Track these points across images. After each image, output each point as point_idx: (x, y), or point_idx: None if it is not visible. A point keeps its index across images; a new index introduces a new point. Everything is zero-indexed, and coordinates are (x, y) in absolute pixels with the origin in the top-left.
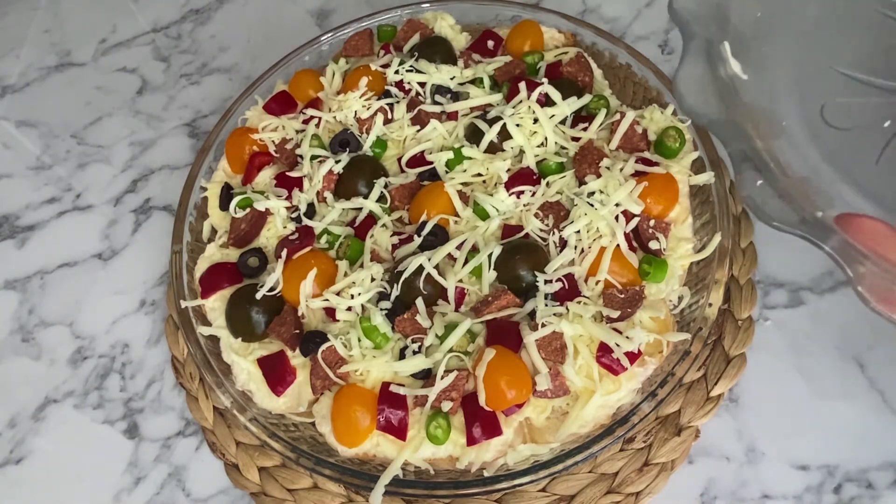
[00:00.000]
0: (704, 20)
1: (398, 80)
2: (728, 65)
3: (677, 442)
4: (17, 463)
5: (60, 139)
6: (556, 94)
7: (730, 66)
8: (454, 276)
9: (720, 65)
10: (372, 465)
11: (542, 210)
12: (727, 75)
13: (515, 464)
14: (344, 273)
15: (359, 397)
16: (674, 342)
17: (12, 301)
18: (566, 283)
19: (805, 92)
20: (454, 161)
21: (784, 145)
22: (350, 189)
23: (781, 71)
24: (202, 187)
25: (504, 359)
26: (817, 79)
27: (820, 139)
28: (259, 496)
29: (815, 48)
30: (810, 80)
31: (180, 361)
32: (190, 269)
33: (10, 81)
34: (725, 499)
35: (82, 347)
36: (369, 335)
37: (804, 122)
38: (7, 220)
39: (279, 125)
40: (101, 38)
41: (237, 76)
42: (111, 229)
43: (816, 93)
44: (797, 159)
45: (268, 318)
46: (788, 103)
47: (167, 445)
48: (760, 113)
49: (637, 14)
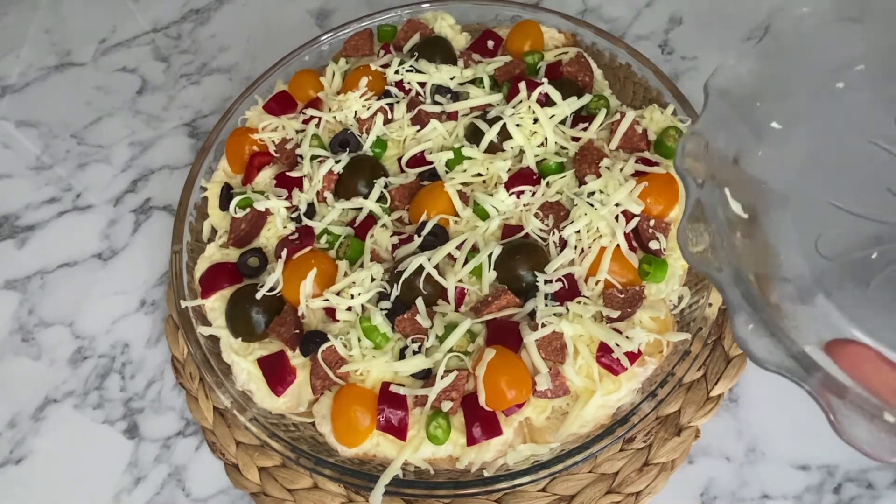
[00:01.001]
0: (709, 170)
1: (398, 80)
2: (729, 208)
3: (677, 442)
4: (17, 463)
5: (60, 139)
6: (556, 95)
7: (731, 209)
8: (454, 276)
9: (720, 209)
10: (372, 465)
11: (542, 210)
12: (728, 218)
13: (515, 464)
14: (344, 273)
15: (359, 397)
16: (674, 342)
17: (12, 301)
18: (566, 283)
19: (802, 227)
20: (454, 161)
21: (781, 282)
22: (350, 189)
23: (781, 210)
24: (202, 187)
25: (504, 359)
26: (813, 213)
27: (815, 270)
28: (259, 496)
29: (811, 184)
30: (806, 215)
31: (180, 361)
32: (190, 269)
33: (10, 81)
34: (725, 499)
35: (82, 347)
36: (369, 335)
37: (801, 255)
38: (7, 220)
39: (279, 125)
40: (101, 38)
41: (237, 76)
42: (111, 229)
43: (812, 226)
44: (792, 294)
45: (268, 318)
46: (787, 240)
47: (167, 445)
48: (760, 252)
49: (637, 14)
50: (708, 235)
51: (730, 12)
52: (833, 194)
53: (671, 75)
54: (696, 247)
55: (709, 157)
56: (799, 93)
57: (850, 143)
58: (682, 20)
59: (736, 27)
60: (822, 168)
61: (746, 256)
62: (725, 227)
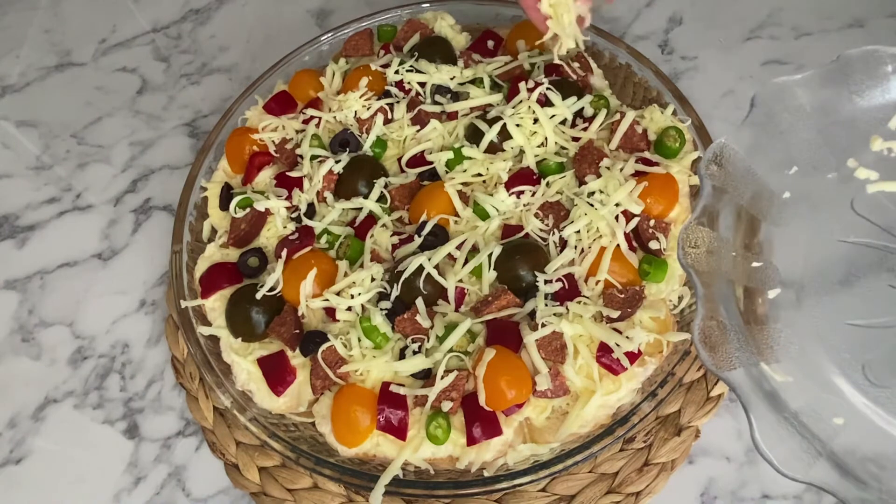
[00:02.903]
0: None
1: (398, 80)
2: (770, 379)
3: (677, 442)
4: (17, 463)
5: (60, 139)
6: (555, 95)
7: (773, 380)
8: (454, 276)
9: (763, 381)
10: (372, 465)
11: (542, 210)
12: (772, 388)
13: (515, 464)
14: (344, 273)
15: (359, 397)
16: (674, 342)
17: (12, 301)
18: (566, 283)
19: (844, 364)
20: (454, 161)
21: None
22: (350, 189)
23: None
24: (202, 187)
25: (504, 359)
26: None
27: (868, 395)
28: (259, 496)
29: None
30: (839, 351)
31: (180, 361)
32: (190, 269)
33: (10, 81)
34: (725, 499)
35: (82, 347)
36: (369, 335)
37: (854, 388)
38: (7, 220)
39: (279, 125)
40: (101, 38)
41: (237, 76)
42: (111, 229)
43: (854, 356)
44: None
45: (268, 318)
46: (832, 381)
47: (167, 445)
48: (814, 403)
49: (637, 14)
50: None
51: (730, 12)
52: (846, 307)
53: (671, 75)
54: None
55: (712, 246)
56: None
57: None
58: (682, 20)
59: (736, 27)
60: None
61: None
62: (739, 321)
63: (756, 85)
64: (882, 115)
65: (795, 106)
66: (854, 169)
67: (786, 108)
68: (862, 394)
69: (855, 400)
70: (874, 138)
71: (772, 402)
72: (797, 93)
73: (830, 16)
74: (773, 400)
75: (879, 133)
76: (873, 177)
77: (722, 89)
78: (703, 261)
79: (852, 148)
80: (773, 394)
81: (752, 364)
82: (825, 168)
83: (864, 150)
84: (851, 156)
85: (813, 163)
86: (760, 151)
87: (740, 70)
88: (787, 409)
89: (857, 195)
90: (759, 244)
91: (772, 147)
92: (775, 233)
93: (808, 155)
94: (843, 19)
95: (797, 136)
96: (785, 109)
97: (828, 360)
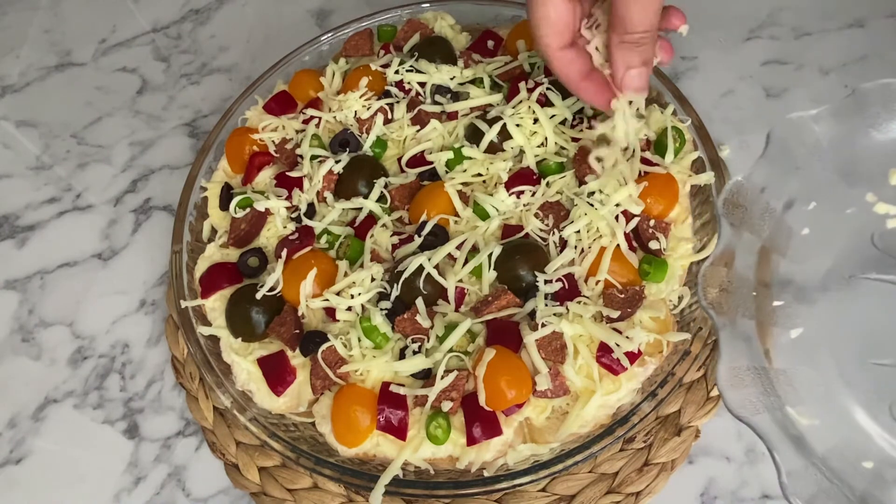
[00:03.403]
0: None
1: (398, 80)
2: (796, 423)
3: (677, 442)
4: (17, 463)
5: (60, 139)
6: (555, 95)
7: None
8: (454, 276)
9: (789, 425)
10: (372, 465)
11: (542, 210)
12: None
13: (515, 464)
14: (344, 273)
15: (359, 397)
16: (674, 342)
17: (12, 301)
18: (566, 283)
19: (868, 405)
20: (454, 161)
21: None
22: (350, 189)
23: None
24: (202, 187)
25: (504, 359)
26: (866, 382)
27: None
28: (259, 496)
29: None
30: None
31: (180, 361)
32: (190, 269)
33: (10, 81)
34: (725, 499)
35: (82, 347)
36: (369, 335)
37: (882, 428)
38: (7, 220)
39: (279, 125)
40: (101, 38)
41: (237, 76)
42: (111, 229)
43: (880, 396)
44: None
45: (268, 318)
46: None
47: (167, 445)
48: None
49: None
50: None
51: (730, 12)
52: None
53: (671, 75)
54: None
55: (731, 287)
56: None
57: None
58: None
59: (736, 27)
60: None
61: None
62: (762, 362)
63: (756, 85)
64: None
65: (811, 141)
66: (873, 203)
67: (801, 143)
68: (890, 434)
69: (883, 441)
70: (893, 172)
71: (798, 446)
72: (812, 128)
73: (830, 16)
74: (799, 444)
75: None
76: (893, 211)
77: (722, 89)
78: (722, 302)
79: (871, 182)
80: (800, 438)
81: (776, 408)
82: (843, 203)
83: (882, 183)
84: (870, 190)
85: (831, 198)
86: (777, 188)
87: (740, 70)
88: (814, 454)
89: (877, 230)
90: (777, 282)
91: (789, 183)
92: (794, 270)
93: (825, 190)
94: (843, 19)
95: (814, 172)
96: (801, 145)
97: (853, 400)
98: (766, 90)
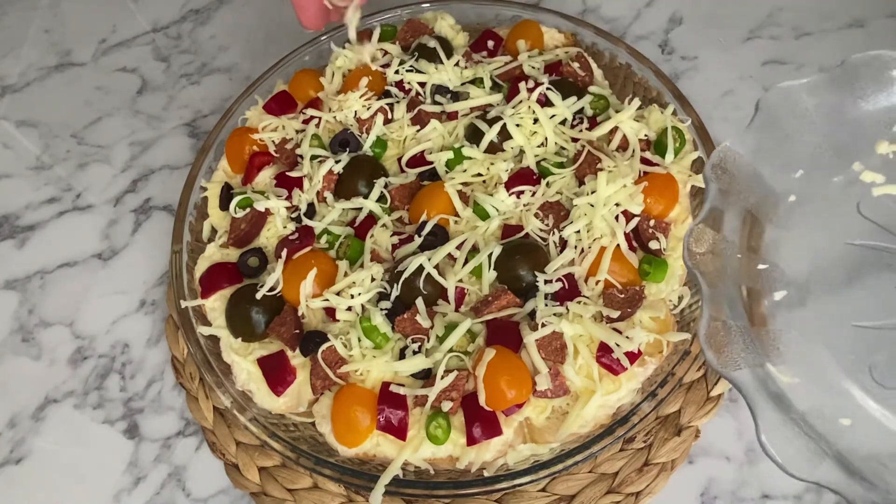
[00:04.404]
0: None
1: (398, 80)
2: (777, 380)
3: (677, 442)
4: (17, 463)
5: (60, 139)
6: (555, 95)
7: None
8: (454, 276)
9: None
10: (372, 465)
11: (542, 210)
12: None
13: (515, 464)
14: (344, 273)
15: (359, 397)
16: (674, 342)
17: (12, 301)
18: (566, 283)
19: (849, 368)
20: (454, 161)
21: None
22: (350, 189)
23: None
24: (202, 187)
25: (504, 359)
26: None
27: (875, 397)
28: (259, 496)
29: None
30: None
31: (180, 361)
32: (190, 269)
33: (10, 81)
34: (725, 499)
35: (82, 347)
36: (369, 335)
37: (861, 390)
38: (7, 220)
39: (279, 125)
40: (101, 38)
41: (237, 76)
42: (111, 229)
43: (860, 358)
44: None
45: (268, 318)
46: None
47: (167, 445)
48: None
49: (637, 14)
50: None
51: (730, 12)
52: (852, 308)
53: (671, 75)
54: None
55: (717, 248)
56: (801, 168)
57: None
58: (682, 20)
59: (736, 27)
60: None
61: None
62: (745, 322)
63: (756, 85)
64: (888, 119)
65: (800, 110)
66: (860, 172)
67: (791, 112)
68: (869, 395)
69: (862, 401)
70: (880, 142)
71: (778, 403)
72: (802, 97)
73: (830, 16)
74: (779, 401)
75: (885, 137)
76: (879, 180)
77: (722, 89)
78: (708, 262)
79: (858, 151)
80: (780, 395)
81: (757, 365)
82: (831, 171)
83: (869, 153)
84: (857, 159)
85: (818, 166)
86: (765, 155)
87: (740, 70)
88: (793, 410)
89: (862, 198)
90: (764, 246)
91: (777, 151)
92: (781, 235)
93: (813, 159)
94: (843, 19)
95: (802, 140)
96: (790, 114)
97: (834, 361)
98: (767, 90)
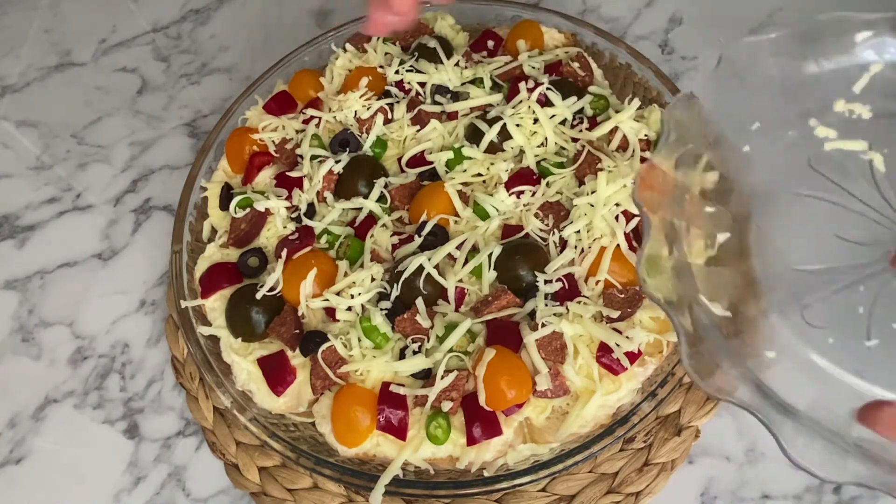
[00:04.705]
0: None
1: (398, 80)
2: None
3: (677, 442)
4: (17, 463)
5: (60, 139)
6: (555, 95)
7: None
8: (454, 276)
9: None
10: (372, 465)
11: (542, 210)
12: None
13: (515, 464)
14: (344, 273)
15: (359, 397)
16: (674, 342)
17: (12, 301)
18: (566, 283)
19: (781, 305)
20: (454, 161)
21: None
22: (350, 189)
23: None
24: (202, 187)
25: (504, 359)
26: (785, 286)
27: (814, 345)
28: (259, 496)
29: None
30: (779, 291)
31: (180, 361)
32: (190, 269)
33: (10, 81)
34: (725, 499)
35: (82, 347)
36: (369, 335)
37: (798, 337)
38: (7, 220)
39: (279, 125)
40: (101, 38)
41: (237, 76)
42: (111, 229)
43: (791, 300)
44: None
45: (268, 318)
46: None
47: (167, 445)
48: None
49: (637, 14)
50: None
51: (730, 12)
52: (795, 260)
53: (671, 75)
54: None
55: (667, 188)
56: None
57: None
58: (682, 20)
59: (736, 27)
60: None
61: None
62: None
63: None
64: (847, 79)
65: (761, 65)
66: (814, 128)
67: (752, 66)
68: (798, 335)
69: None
70: (837, 101)
71: (782, 410)
72: (765, 53)
73: None
74: (783, 409)
75: (843, 96)
76: (832, 135)
77: None
78: (654, 200)
79: (815, 109)
80: (784, 405)
81: (750, 379)
82: (786, 125)
83: (826, 111)
84: (813, 116)
85: (775, 120)
86: (724, 105)
87: None
88: (799, 415)
89: (814, 153)
90: (713, 192)
91: (736, 103)
92: (731, 184)
93: (770, 113)
94: None
95: (761, 95)
96: (751, 68)
97: (772, 304)
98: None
